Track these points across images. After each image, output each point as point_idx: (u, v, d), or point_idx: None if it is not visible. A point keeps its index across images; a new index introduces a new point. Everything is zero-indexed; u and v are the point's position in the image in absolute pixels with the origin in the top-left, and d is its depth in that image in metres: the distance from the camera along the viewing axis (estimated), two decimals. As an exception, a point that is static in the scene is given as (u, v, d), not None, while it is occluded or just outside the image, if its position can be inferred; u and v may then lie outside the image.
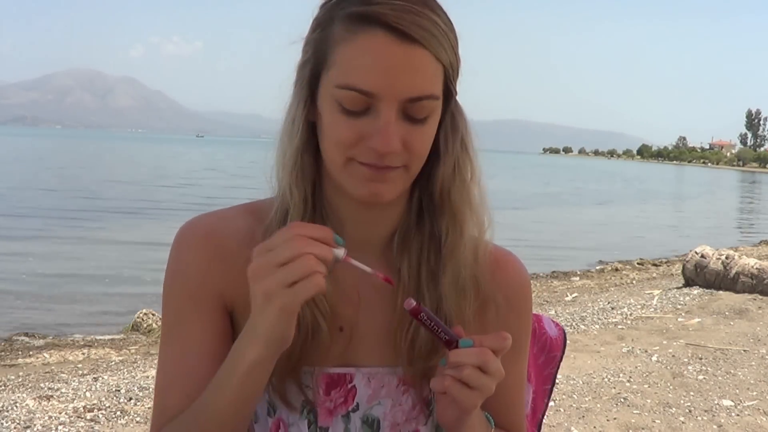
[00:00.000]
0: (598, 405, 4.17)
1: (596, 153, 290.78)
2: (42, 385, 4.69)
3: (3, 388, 4.71)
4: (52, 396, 4.33)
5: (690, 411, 4.12)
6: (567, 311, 7.20)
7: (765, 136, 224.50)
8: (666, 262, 12.29)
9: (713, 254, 8.28)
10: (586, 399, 4.28)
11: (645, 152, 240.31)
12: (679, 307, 7.21)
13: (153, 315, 6.81)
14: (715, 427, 3.90)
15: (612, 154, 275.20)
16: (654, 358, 5.20)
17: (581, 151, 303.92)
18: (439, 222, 0.93)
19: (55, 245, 11.93)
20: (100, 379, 4.83)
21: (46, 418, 3.91)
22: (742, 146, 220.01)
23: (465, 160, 0.93)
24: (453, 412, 0.87)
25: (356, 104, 0.83)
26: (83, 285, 8.89)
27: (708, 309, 6.95)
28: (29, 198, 19.44)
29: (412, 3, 0.82)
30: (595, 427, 3.85)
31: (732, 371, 4.90)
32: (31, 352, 5.97)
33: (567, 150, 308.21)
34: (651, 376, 4.76)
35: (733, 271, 7.92)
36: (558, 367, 1.25)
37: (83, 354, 5.93)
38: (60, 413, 3.98)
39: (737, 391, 4.50)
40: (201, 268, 0.94)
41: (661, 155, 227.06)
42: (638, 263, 12.13)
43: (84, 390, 4.47)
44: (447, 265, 0.93)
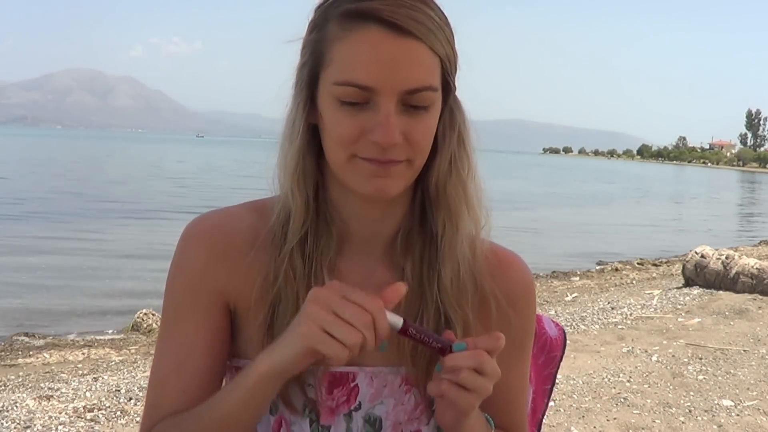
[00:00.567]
0: (598, 405, 4.17)
1: (596, 153, 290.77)
2: (42, 385, 4.69)
3: (3, 388, 4.71)
4: (52, 396, 4.33)
5: (690, 411, 4.12)
6: (567, 311, 7.20)
7: (765, 136, 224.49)
8: (666, 262, 12.29)
9: (713, 254, 8.28)
10: (586, 399, 4.28)
11: (645, 152, 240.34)
12: (679, 307, 7.21)
13: (153, 315, 6.81)
14: (715, 427, 3.90)
15: (612, 154, 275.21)
16: (654, 358, 5.20)
17: (581, 151, 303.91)
18: (436, 217, 0.93)
19: (55, 245, 11.93)
20: (100, 379, 4.83)
21: (46, 418, 3.91)
22: (742, 146, 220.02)
23: (462, 155, 0.93)
24: (451, 414, 0.88)
25: (356, 99, 0.84)
26: (83, 285, 8.88)
27: (708, 309, 6.95)
28: (29, 198, 19.43)
29: None
30: (595, 427, 3.85)
31: (732, 371, 4.90)
32: (31, 352, 5.97)
33: (567, 150, 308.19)
34: (651, 376, 4.76)
35: (733, 271, 7.92)
36: (558, 367, 1.25)
37: (83, 354, 5.93)
38: (60, 413, 3.98)
39: (737, 391, 4.50)
40: (203, 265, 0.94)
41: (661, 155, 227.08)
42: (638, 263, 12.12)
43: (84, 390, 4.47)
44: (446, 261, 0.93)
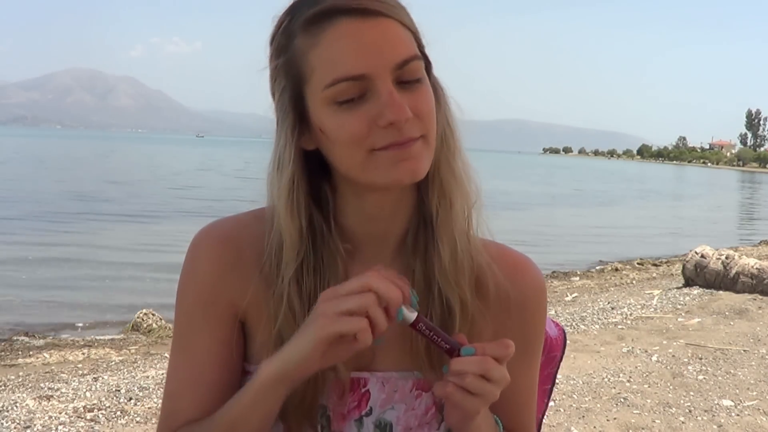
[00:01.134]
0: (598, 405, 4.17)
1: (596, 153, 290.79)
2: (42, 385, 4.69)
3: (3, 388, 4.71)
4: (52, 396, 4.33)
5: (690, 411, 4.12)
6: (567, 311, 7.20)
7: (765, 136, 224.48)
8: (666, 262, 12.29)
9: (713, 254, 8.28)
10: (586, 399, 4.28)
11: (645, 152, 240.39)
12: (679, 307, 7.21)
13: (153, 315, 6.81)
14: (715, 427, 3.89)
15: (612, 154, 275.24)
16: (654, 358, 5.20)
17: (581, 151, 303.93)
18: (430, 197, 0.92)
19: (55, 245, 11.92)
20: (100, 379, 4.83)
21: (46, 418, 3.91)
22: (742, 146, 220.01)
23: (449, 131, 0.92)
24: (458, 415, 0.88)
25: (352, 93, 0.83)
26: (83, 285, 8.88)
27: (708, 309, 6.95)
28: (29, 198, 19.43)
29: None
30: (595, 427, 3.85)
31: (732, 371, 4.90)
32: (31, 352, 5.97)
33: (567, 150, 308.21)
34: (651, 376, 4.75)
35: (733, 271, 7.92)
36: (558, 367, 1.25)
37: (83, 354, 5.92)
38: (60, 413, 3.98)
39: (737, 391, 4.50)
40: (214, 276, 0.94)
41: (661, 155, 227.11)
42: (638, 263, 12.12)
43: (84, 390, 4.47)
44: (443, 240, 0.92)
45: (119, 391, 4.41)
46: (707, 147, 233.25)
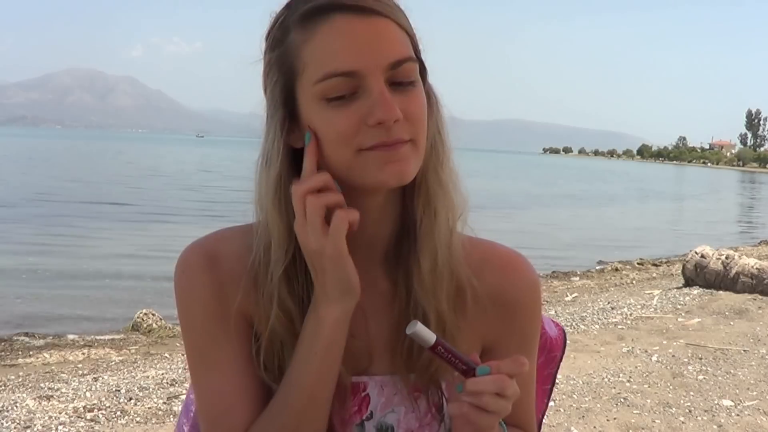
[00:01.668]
0: (598, 405, 4.17)
1: (596, 153, 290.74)
2: (42, 385, 4.69)
3: (3, 388, 4.71)
4: (52, 396, 4.33)
5: (690, 411, 4.12)
6: (567, 311, 7.20)
7: (765, 136, 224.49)
8: (666, 262, 12.29)
9: (713, 254, 8.28)
10: (586, 399, 4.28)
11: (645, 152, 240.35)
12: (679, 307, 7.21)
13: (153, 315, 6.81)
14: (715, 427, 3.89)
15: (612, 154, 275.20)
16: (654, 358, 5.20)
17: (581, 151, 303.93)
18: (415, 205, 0.91)
19: (55, 245, 11.93)
20: (100, 379, 4.83)
21: (46, 418, 3.91)
22: (742, 146, 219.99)
23: (439, 140, 0.92)
24: (469, 431, 0.88)
25: (343, 90, 0.82)
26: (83, 285, 8.88)
27: (708, 309, 6.95)
28: (29, 198, 19.44)
29: None
30: (595, 427, 3.85)
31: (732, 371, 4.90)
32: (31, 352, 5.97)
33: (567, 150, 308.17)
34: (651, 376, 4.75)
35: (733, 271, 7.92)
36: (558, 367, 1.25)
37: (83, 354, 5.92)
38: (60, 413, 3.98)
39: (737, 391, 4.50)
40: (215, 289, 0.93)
41: (661, 155, 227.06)
42: (638, 263, 12.12)
43: (84, 390, 4.47)
44: (424, 249, 0.91)
45: (119, 391, 4.41)
46: (707, 147, 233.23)
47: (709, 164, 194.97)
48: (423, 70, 0.90)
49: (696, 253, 8.43)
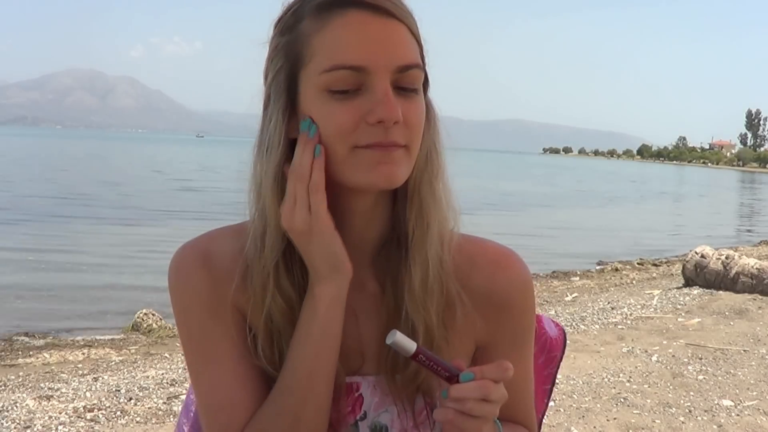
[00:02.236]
0: (598, 405, 4.17)
1: (596, 153, 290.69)
2: (42, 385, 4.69)
3: (3, 388, 4.71)
4: (52, 396, 4.33)
5: (690, 411, 4.12)
6: (567, 311, 7.20)
7: (765, 136, 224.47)
8: (666, 262, 12.28)
9: (713, 254, 8.28)
10: (586, 399, 4.28)
11: (645, 152, 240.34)
12: (679, 307, 7.21)
13: (153, 315, 6.81)
14: (715, 427, 3.89)
15: (612, 154, 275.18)
16: (654, 358, 5.20)
17: (581, 151, 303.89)
18: (408, 217, 0.91)
19: (55, 245, 11.92)
20: (100, 379, 4.83)
21: (46, 418, 3.91)
22: (742, 146, 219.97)
23: (435, 153, 0.92)
24: None
25: (347, 84, 0.82)
26: (83, 285, 8.87)
27: (708, 309, 6.95)
28: (29, 198, 19.43)
29: None
30: (595, 427, 3.85)
31: (732, 371, 4.90)
32: (31, 352, 5.97)
33: (567, 150, 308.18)
34: (651, 376, 4.75)
35: (733, 271, 7.92)
36: (558, 367, 1.25)
37: (83, 354, 5.92)
38: (60, 413, 3.98)
39: (737, 391, 4.50)
40: (211, 285, 0.93)
41: (661, 155, 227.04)
42: (638, 263, 12.11)
43: (84, 390, 4.47)
44: (415, 262, 0.91)
45: (119, 391, 4.41)
46: (707, 147, 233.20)
47: (709, 164, 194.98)
48: (425, 81, 0.90)
49: (696, 253, 8.43)
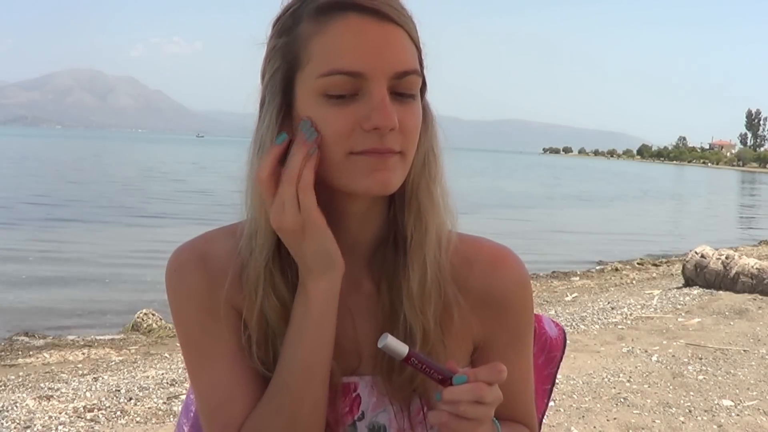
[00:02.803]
0: (598, 405, 4.17)
1: (596, 153, 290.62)
2: (42, 385, 4.69)
3: (3, 388, 4.71)
4: (52, 396, 4.33)
5: (690, 411, 4.12)
6: (567, 311, 7.20)
7: (765, 136, 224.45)
8: (666, 262, 12.28)
9: (713, 254, 8.28)
10: (586, 399, 4.28)
11: (645, 152, 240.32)
12: (679, 307, 7.21)
13: (153, 315, 6.81)
14: (715, 427, 3.89)
15: (612, 154, 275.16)
16: (654, 358, 5.20)
17: (581, 151, 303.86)
18: (406, 221, 0.91)
19: (55, 245, 11.92)
20: (100, 379, 4.83)
21: (46, 418, 3.91)
22: (742, 146, 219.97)
23: (432, 156, 0.92)
24: None
25: (344, 89, 0.82)
26: (83, 285, 8.88)
27: (708, 309, 6.95)
28: (29, 198, 19.43)
29: None
30: (595, 427, 3.85)
31: (732, 371, 4.90)
32: (31, 352, 5.97)
33: (567, 150, 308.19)
34: (651, 376, 4.75)
35: (733, 271, 7.92)
36: (558, 367, 1.25)
37: (83, 354, 5.92)
38: (60, 413, 3.98)
39: (737, 391, 4.50)
40: (208, 286, 0.93)
41: (661, 155, 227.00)
42: (638, 263, 12.12)
43: (84, 390, 4.47)
44: (413, 266, 0.91)
45: (119, 391, 4.41)
46: (707, 147, 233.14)
47: (709, 164, 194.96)
48: (423, 86, 0.90)
49: (696, 253, 8.43)
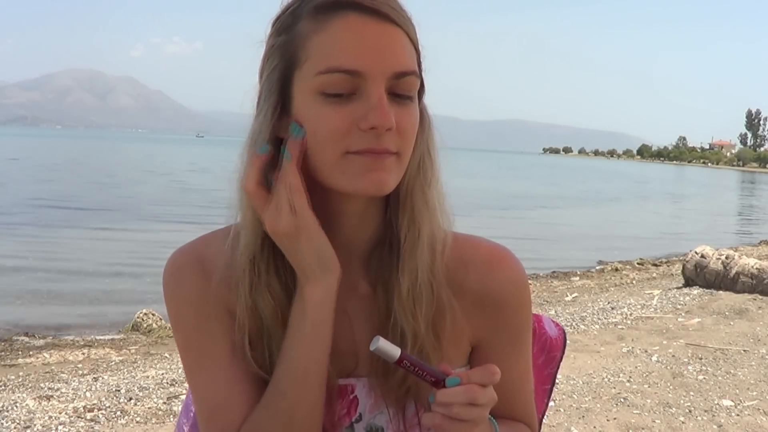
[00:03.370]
0: (598, 405, 4.17)
1: (596, 153, 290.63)
2: (42, 385, 4.69)
3: (3, 388, 4.71)
4: (52, 396, 4.33)
5: (690, 411, 4.12)
6: (567, 311, 7.20)
7: (765, 136, 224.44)
8: (666, 262, 12.28)
9: (713, 254, 8.28)
10: (586, 399, 4.28)
11: (645, 152, 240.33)
12: (679, 307, 7.21)
13: (153, 315, 6.81)
14: (715, 427, 3.89)
15: (612, 154, 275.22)
16: (654, 358, 5.20)
17: (581, 151, 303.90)
18: (400, 223, 0.91)
19: (55, 245, 11.93)
20: (100, 379, 4.83)
21: (46, 418, 3.91)
22: (742, 146, 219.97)
23: (428, 159, 0.92)
24: None
25: (342, 88, 0.82)
26: (83, 285, 8.88)
27: (708, 309, 6.95)
28: (29, 198, 19.43)
29: None
30: (595, 427, 3.85)
31: (732, 371, 4.90)
32: (31, 352, 5.97)
33: (567, 150, 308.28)
34: (651, 376, 4.75)
35: (733, 271, 7.92)
36: (558, 367, 1.25)
37: (83, 354, 5.92)
38: (60, 413, 3.98)
39: (737, 391, 4.49)
40: (204, 286, 0.94)
41: (661, 155, 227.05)
42: (638, 263, 12.11)
43: (84, 390, 4.47)
44: (405, 269, 0.91)
45: (119, 391, 4.41)
46: (707, 147, 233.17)
47: (709, 164, 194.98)
48: (421, 89, 0.90)
49: (696, 253, 8.43)
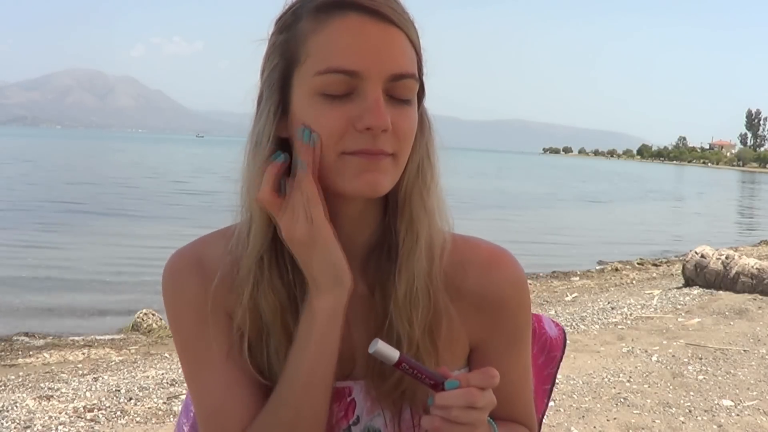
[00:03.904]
0: (598, 405, 4.17)
1: (596, 153, 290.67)
2: (42, 385, 4.69)
3: (3, 388, 4.71)
4: (52, 396, 4.33)
5: (690, 411, 4.12)
6: (567, 311, 7.20)
7: (765, 136, 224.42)
8: (666, 262, 12.29)
9: (713, 254, 8.28)
10: (586, 399, 4.28)
11: (645, 152, 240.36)
12: (679, 307, 7.21)
13: (153, 315, 6.81)
14: (715, 427, 3.89)
15: (612, 154, 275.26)
16: (654, 358, 5.20)
17: (581, 151, 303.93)
18: (398, 227, 0.91)
19: (55, 245, 11.93)
20: (100, 379, 4.83)
21: (46, 418, 3.91)
22: (742, 146, 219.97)
23: (428, 163, 0.92)
24: None
25: (340, 88, 0.82)
26: (83, 285, 8.88)
27: (708, 309, 6.95)
28: (29, 198, 19.44)
29: None
30: (595, 427, 3.85)
31: (732, 371, 4.90)
32: (31, 352, 5.97)
33: (567, 150, 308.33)
34: (651, 376, 4.75)
35: (733, 271, 7.92)
36: (558, 367, 1.25)
37: (83, 354, 5.93)
38: (60, 413, 3.98)
39: (737, 391, 4.50)
40: (204, 289, 0.93)
41: (661, 155, 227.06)
42: (638, 263, 12.12)
43: (84, 390, 4.47)
44: (402, 274, 0.90)
45: (119, 391, 4.41)
46: (707, 147, 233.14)
47: (709, 164, 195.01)
48: (421, 92, 0.90)
49: (696, 253, 8.43)
